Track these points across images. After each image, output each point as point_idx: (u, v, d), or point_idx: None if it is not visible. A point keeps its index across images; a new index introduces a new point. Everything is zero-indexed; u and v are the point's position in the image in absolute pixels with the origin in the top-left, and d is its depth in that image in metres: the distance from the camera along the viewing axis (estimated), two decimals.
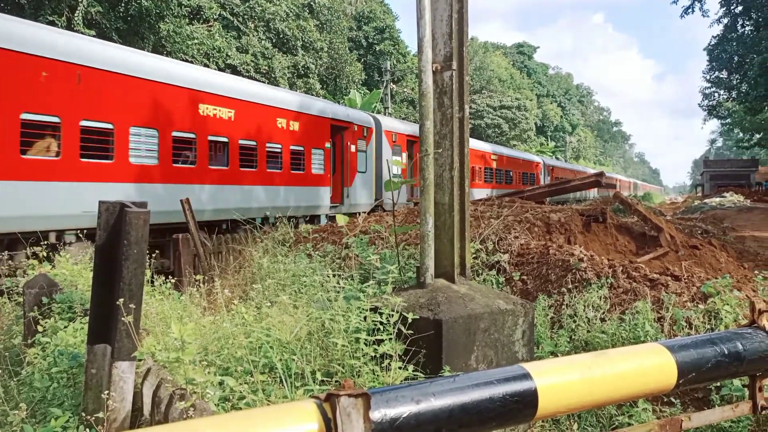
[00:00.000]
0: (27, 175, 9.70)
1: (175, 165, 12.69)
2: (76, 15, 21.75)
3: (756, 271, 8.24)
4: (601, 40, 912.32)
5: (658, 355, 2.33)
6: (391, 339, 4.29)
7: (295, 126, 16.75)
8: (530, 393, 1.98)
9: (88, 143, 10.66)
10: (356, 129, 20.02)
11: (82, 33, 20.67)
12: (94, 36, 20.24)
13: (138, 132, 11.71)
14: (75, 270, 6.70)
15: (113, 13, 23.84)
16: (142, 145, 11.84)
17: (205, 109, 13.48)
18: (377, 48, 54.13)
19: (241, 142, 14.58)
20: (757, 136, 60.39)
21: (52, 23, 20.78)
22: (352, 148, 19.97)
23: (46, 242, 7.93)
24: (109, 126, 11.04)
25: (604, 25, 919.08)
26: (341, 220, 6.52)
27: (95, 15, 22.63)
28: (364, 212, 14.63)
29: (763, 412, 2.76)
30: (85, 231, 9.95)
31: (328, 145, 18.50)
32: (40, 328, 4.67)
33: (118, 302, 3.14)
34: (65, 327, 4.57)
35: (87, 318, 3.84)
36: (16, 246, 9.34)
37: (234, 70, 30.05)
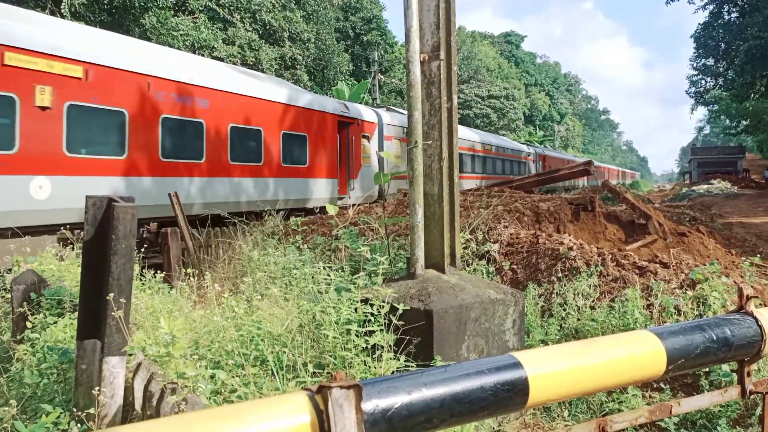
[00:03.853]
0: None
1: None
2: (62, 7, 21.50)
3: (743, 257, 8.31)
4: (591, 28, 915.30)
5: (648, 342, 2.34)
6: (382, 330, 4.30)
7: None
8: (521, 382, 1.99)
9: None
10: None
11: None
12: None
13: None
14: (62, 266, 6.66)
15: (97, 5, 23.60)
16: None
17: None
18: (365, 38, 53.94)
19: None
20: (744, 123, 60.74)
21: None
22: None
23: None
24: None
25: (593, 12, 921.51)
26: (331, 210, 6.49)
27: (79, 7, 22.39)
28: None
29: (751, 397, 2.79)
30: None
31: None
32: (28, 324, 4.64)
33: (107, 297, 3.12)
34: (54, 323, 4.54)
35: (76, 313, 3.81)
36: None
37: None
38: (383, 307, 4.35)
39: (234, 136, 14.49)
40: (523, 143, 49.81)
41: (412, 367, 4.20)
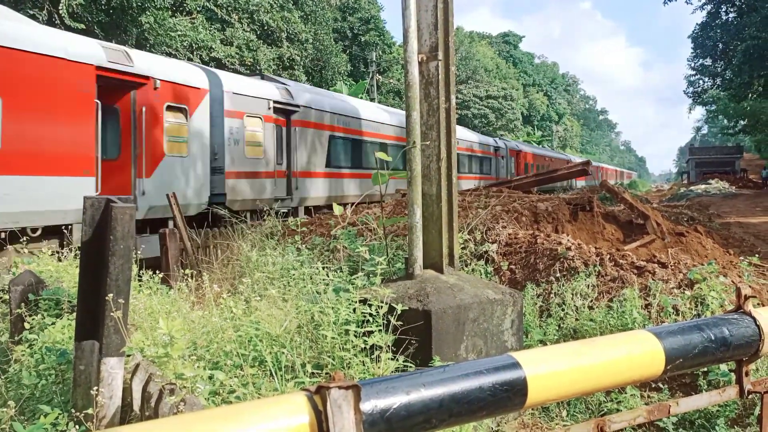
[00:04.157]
0: None
1: None
2: (60, 8, 21.48)
3: (741, 257, 8.32)
4: (589, 28, 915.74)
5: (646, 342, 2.34)
6: (380, 330, 4.30)
7: None
8: (520, 382, 1.99)
9: None
10: None
11: (68, 26, 20.45)
12: (82, 29, 20.04)
13: None
14: (60, 266, 6.65)
15: (95, 6, 23.58)
16: None
17: None
18: (363, 39, 53.90)
19: None
20: (742, 122, 60.81)
21: (33, 17, 20.53)
22: None
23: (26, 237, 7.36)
24: None
25: (592, 12, 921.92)
26: (337, 209, 6.50)
27: (77, 8, 22.36)
28: None
29: (750, 397, 2.79)
30: None
31: None
32: (26, 325, 4.64)
33: (105, 298, 3.12)
34: (52, 323, 4.54)
35: (74, 314, 3.81)
36: None
37: (219, 63, 29.83)
38: (382, 307, 4.35)
39: None
40: (486, 134, 42.73)
41: (410, 367, 4.20)
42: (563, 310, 6.11)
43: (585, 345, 2.27)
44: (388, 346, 4.21)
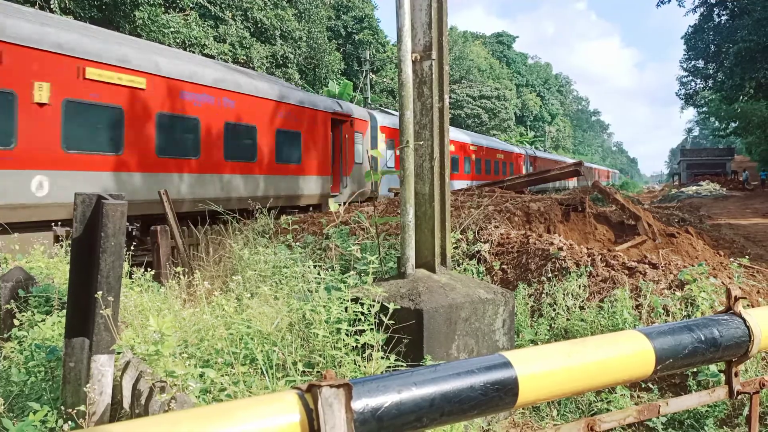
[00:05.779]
0: None
1: None
2: (52, 3, 21.36)
3: (731, 259, 8.36)
4: (584, 28, 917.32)
5: (636, 342, 2.35)
6: (372, 329, 4.29)
7: None
8: (511, 381, 1.99)
9: None
10: None
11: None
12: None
13: None
14: (51, 263, 6.61)
15: (87, 2, 23.45)
16: None
17: None
18: (356, 37, 53.87)
19: None
20: (733, 124, 61.11)
21: None
22: None
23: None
24: None
25: (586, 12, 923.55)
26: (333, 206, 6.50)
27: (69, 3, 22.24)
28: None
29: (739, 397, 2.81)
30: None
31: None
32: (16, 322, 4.61)
33: (96, 295, 3.10)
34: (42, 320, 4.51)
35: (64, 311, 3.79)
36: None
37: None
38: (373, 306, 4.35)
39: None
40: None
41: (402, 366, 4.20)
42: (554, 310, 6.12)
43: (576, 345, 2.27)
44: (380, 344, 4.21)
